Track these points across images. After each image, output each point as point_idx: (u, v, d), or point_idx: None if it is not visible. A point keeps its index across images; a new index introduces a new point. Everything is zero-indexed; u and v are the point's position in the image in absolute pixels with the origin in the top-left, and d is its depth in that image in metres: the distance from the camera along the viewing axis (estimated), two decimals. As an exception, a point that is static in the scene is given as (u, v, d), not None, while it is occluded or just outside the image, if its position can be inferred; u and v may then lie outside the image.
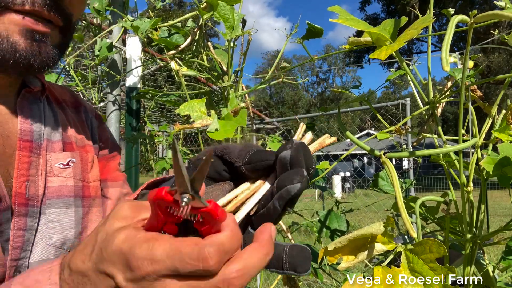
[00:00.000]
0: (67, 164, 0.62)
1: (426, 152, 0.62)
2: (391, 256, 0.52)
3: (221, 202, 0.42)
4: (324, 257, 0.57)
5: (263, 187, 0.44)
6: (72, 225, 0.60)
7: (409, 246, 0.51)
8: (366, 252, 0.55)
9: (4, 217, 0.52)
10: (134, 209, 0.36)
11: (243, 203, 0.43)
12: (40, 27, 0.51)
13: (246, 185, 0.45)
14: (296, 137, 0.48)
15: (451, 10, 0.65)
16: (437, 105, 0.74)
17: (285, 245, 0.43)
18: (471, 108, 0.72)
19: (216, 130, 0.81)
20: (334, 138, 0.51)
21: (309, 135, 0.48)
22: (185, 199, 0.29)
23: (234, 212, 0.43)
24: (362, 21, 0.59)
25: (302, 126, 0.49)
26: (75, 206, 0.61)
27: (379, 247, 0.54)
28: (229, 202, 0.43)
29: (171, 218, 0.32)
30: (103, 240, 0.34)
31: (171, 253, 0.31)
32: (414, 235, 0.49)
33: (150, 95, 1.33)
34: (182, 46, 1.19)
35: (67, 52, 1.35)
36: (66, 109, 0.68)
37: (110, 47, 1.31)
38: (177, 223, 0.34)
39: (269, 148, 1.23)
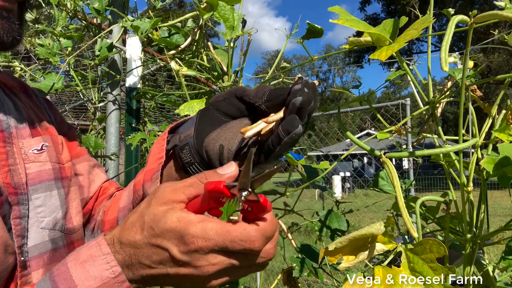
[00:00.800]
0: (41, 148, 0.62)
1: (426, 152, 0.62)
2: (391, 256, 0.52)
3: (251, 132, 0.48)
4: (325, 257, 0.57)
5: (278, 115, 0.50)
6: (58, 206, 0.61)
7: (409, 246, 0.51)
8: (366, 252, 0.55)
9: (6, 208, 0.53)
10: (173, 194, 0.42)
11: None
12: (5, 3, 0.52)
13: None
14: None
15: (451, 10, 0.65)
16: (437, 105, 0.74)
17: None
18: (471, 108, 0.72)
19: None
20: None
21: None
22: (244, 194, 0.36)
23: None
24: (362, 22, 0.59)
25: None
26: (57, 188, 0.62)
27: (380, 247, 0.54)
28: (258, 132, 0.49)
29: (219, 205, 0.40)
30: (152, 219, 0.40)
31: (222, 234, 0.38)
32: (415, 234, 0.49)
33: (150, 95, 1.33)
34: (182, 46, 1.19)
35: (67, 52, 1.34)
36: (19, 95, 0.67)
37: (110, 47, 1.31)
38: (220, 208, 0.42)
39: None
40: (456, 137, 0.67)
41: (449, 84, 0.78)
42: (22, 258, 0.54)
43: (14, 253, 0.53)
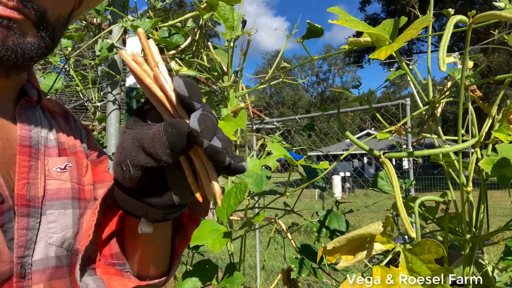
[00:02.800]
0: (64, 168, 0.65)
1: (425, 152, 0.62)
2: (390, 256, 0.52)
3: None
4: (324, 257, 0.57)
5: None
6: (70, 225, 0.63)
7: (408, 246, 0.51)
8: (365, 252, 0.55)
9: (8, 217, 0.55)
10: None
11: None
12: (5, 12, 0.50)
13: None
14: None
15: (451, 10, 0.65)
16: (437, 105, 0.74)
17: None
18: (470, 108, 0.72)
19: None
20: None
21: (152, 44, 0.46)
22: None
23: None
24: (361, 22, 0.59)
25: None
26: (73, 208, 0.64)
27: (378, 247, 0.54)
28: None
29: None
30: None
31: None
32: (413, 235, 0.49)
33: (150, 95, 1.33)
34: (182, 46, 1.19)
35: (67, 52, 1.35)
36: (58, 118, 0.71)
37: (111, 48, 1.31)
38: None
39: (269, 148, 1.23)
40: (456, 137, 0.67)
41: (449, 84, 0.78)
42: (22, 269, 0.55)
43: (11, 262, 0.54)
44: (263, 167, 1.26)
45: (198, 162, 0.45)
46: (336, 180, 11.77)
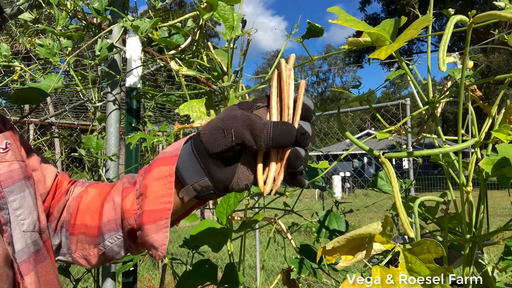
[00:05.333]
0: (6, 147, 0.58)
1: (424, 152, 0.62)
2: (389, 256, 0.52)
3: (269, 188, 0.54)
4: (323, 256, 0.57)
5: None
6: (33, 207, 0.59)
7: (408, 246, 0.51)
8: (364, 252, 0.55)
9: None
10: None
11: None
12: None
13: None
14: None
15: (451, 10, 0.65)
16: (437, 105, 0.74)
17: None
18: (470, 108, 0.72)
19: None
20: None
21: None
22: None
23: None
24: (361, 22, 0.59)
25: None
26: (27, 188, 0.59)
27: (377, 247, 0.54)
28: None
29: None
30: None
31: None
32: (412, 234, 0.49)
33: (150, 95, 1.33)
34: (182, 46, 1.19)
35: (67, 52, 1.34)
36: None
37: (111, 47, 1.31)
38: None
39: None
40: (456, 137, 0.67)
41: (449, 84, 0.78)
42: (17, 265, 0.52)
43: (13, 263, 0.52)
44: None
45: (275, 160, 0.53)
46: (336, 180, 11.77)
